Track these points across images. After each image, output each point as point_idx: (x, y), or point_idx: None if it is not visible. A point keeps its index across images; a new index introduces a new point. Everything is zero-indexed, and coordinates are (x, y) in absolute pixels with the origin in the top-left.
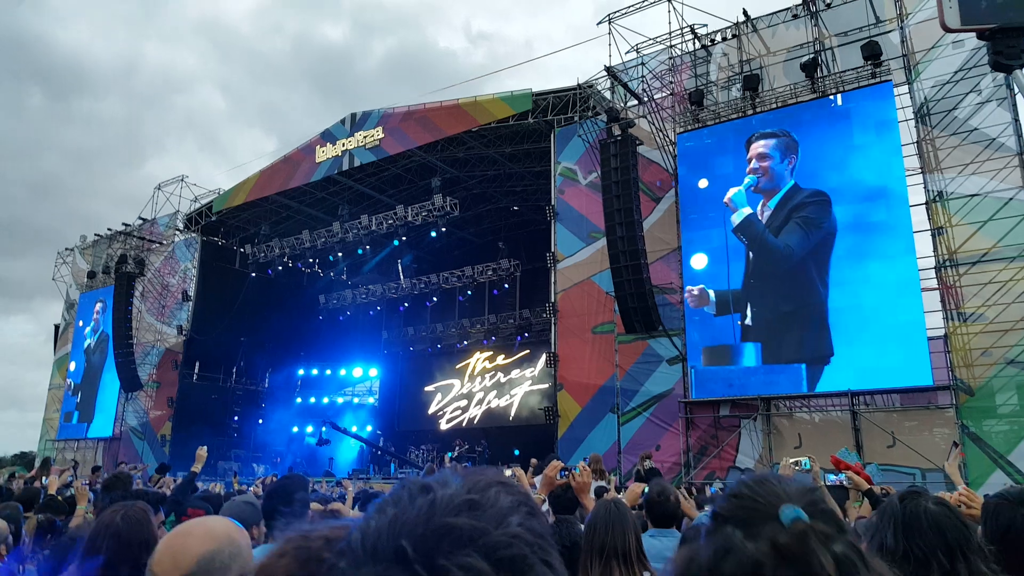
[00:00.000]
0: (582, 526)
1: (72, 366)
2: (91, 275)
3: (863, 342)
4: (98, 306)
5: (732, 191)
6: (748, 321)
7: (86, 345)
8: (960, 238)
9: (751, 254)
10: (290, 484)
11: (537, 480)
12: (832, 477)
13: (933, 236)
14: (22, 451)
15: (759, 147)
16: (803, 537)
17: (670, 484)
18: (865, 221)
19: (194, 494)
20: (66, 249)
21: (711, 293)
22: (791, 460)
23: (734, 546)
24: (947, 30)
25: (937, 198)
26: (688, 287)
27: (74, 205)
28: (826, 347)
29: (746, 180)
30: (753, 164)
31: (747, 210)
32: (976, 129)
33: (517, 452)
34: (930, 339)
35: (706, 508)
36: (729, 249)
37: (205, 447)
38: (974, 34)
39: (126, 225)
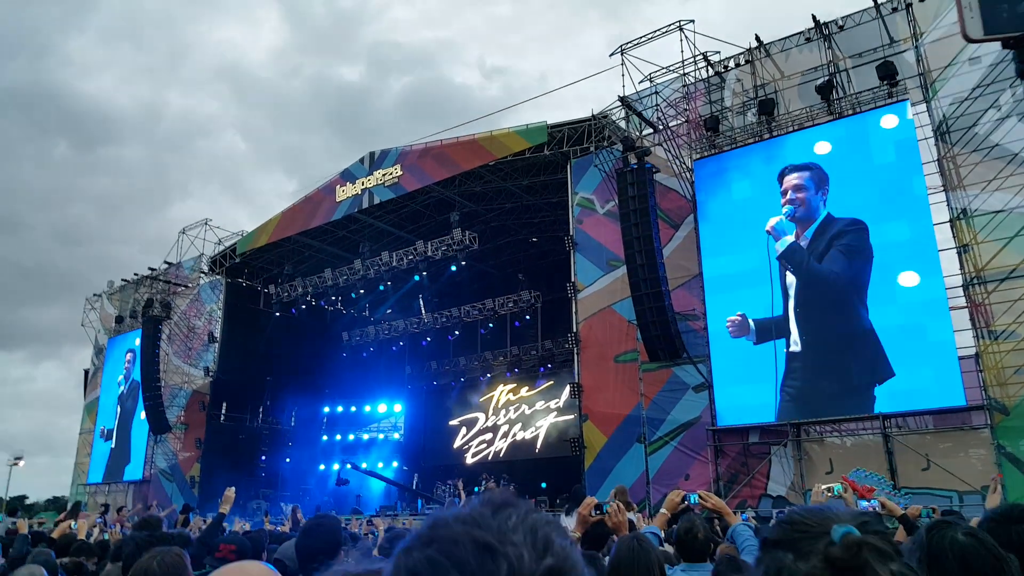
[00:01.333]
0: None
1: (101, 411)
2: (119, 320)
3: (893, 363)
4: (129, 356)
5: (774, 220)
6: (796, 348)
7: (120, 392)
8: (987, 255)
9: (797, 281)
10: (325, 524)
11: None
12: (864, 503)
13: (959, 254)
14: (54, 496)
15: (794, 179)
16: (856, 550)
17: (699, 518)
18: (890, 241)
19: (223, 535)
20: (94, 295)
21: (751, 322)
22: (823, 486)
23: (784, 567)
24: (969, 40)
25: (961, 215)
26: (729, 317)
27: (101, 251)
28: (883, 369)
29: (784, 209)
30: (790, 195)
31: (790, 238)
32: (997, 145)
33: (544, 485)
34: (961, 358)
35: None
36: (760, 274)
37: (233, 488)
38: (997, 44)
39: (152, 269)
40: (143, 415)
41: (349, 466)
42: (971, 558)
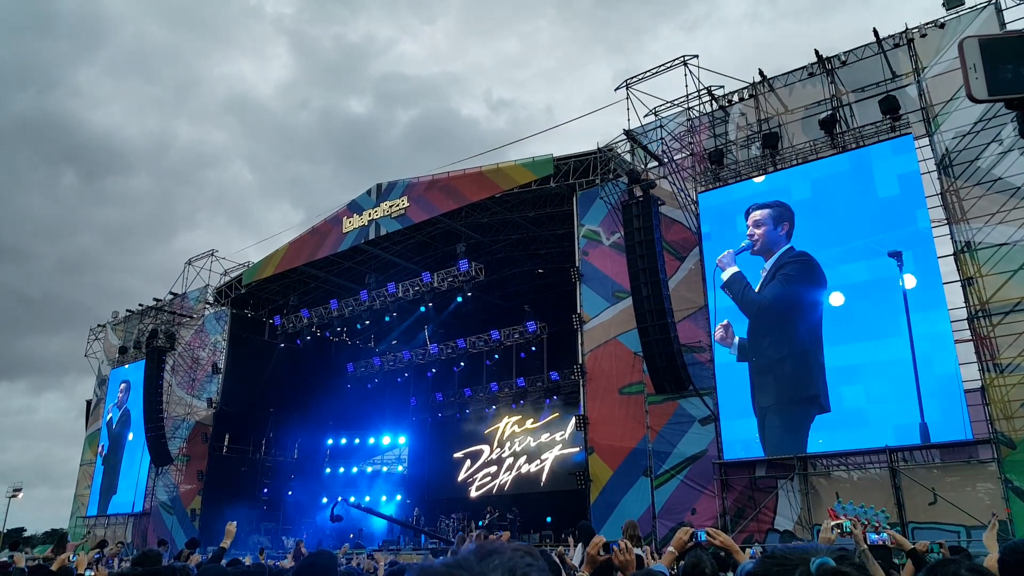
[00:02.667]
0: None
1: (100, 444)
2: (123, 350)
3: (898, 397)
4: (123, 386)
5: (725, 253)
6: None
7: (107, 419)
8: (991, 288)
9: (740, 308)
10: (320, 562)
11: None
12: (874, 537)
13: (963, 287)
14: (52, 528)
15: (755, 216)
16: None
17: (706, 553)
18: (893, 274)
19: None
20: (98, 325)
21: (737, 338)
22: (831, 523)
23: None
24: (975, 100)
25: (965, 248)
26: (718, 324)
27: (106, 281)
28: (819, 392)
29: (742, 244)
30: (750, 230)
31: (734, 268)
32: (1000, 178)
33: (549, 519)
34: (967, 392)
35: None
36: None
37: (234, 523)
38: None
39: (157, 300)
40: (139, 446)
41: (342, 503)
42: None
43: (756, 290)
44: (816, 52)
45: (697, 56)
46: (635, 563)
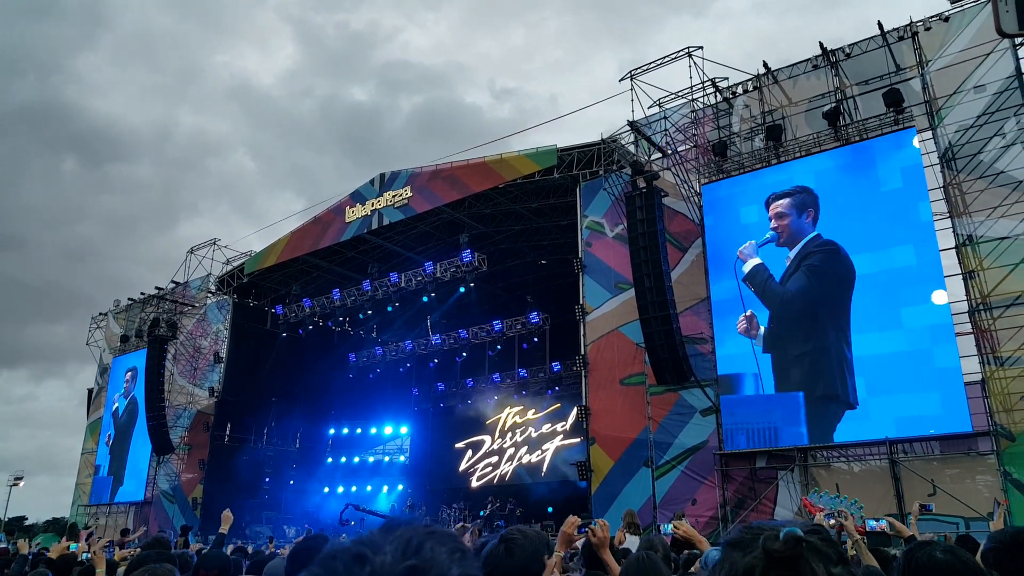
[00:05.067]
0: None
1: (105, 433)
2: (124, 339)
3: (899, 389)
4: (128, 374)
5: (747, 244)
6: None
7: (113, 409)
8: (992, 281)
9: (763, 301)
10: (315, 545)
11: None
12: (873, 523)
13: (965, 280)
14: (54, 517)
15: (777, 207)
16: (794, 544)
17: (660, 538)
18: (895, 267)
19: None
20: (100, 314)
21: (762, 329)
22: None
23: (732, 562)
24: (1003, 35)
25: (967, 242)
26: (742, 313)
27: (108, 270)
28: (841, 391)
29: (767, 235)
30: (773, 223)
31: (756, 260)
32: (1003, 172)
33: (551, 509)
34: (967, 384)
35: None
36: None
37: (228, 509)
38: (1003, 72)
39: (159, 289)
40: (143, 435)
41: (350, 508)
42: (948, 574)
43: (779, 281)
44: (820, 44)
45: (702, 48)
46: (608, 542)
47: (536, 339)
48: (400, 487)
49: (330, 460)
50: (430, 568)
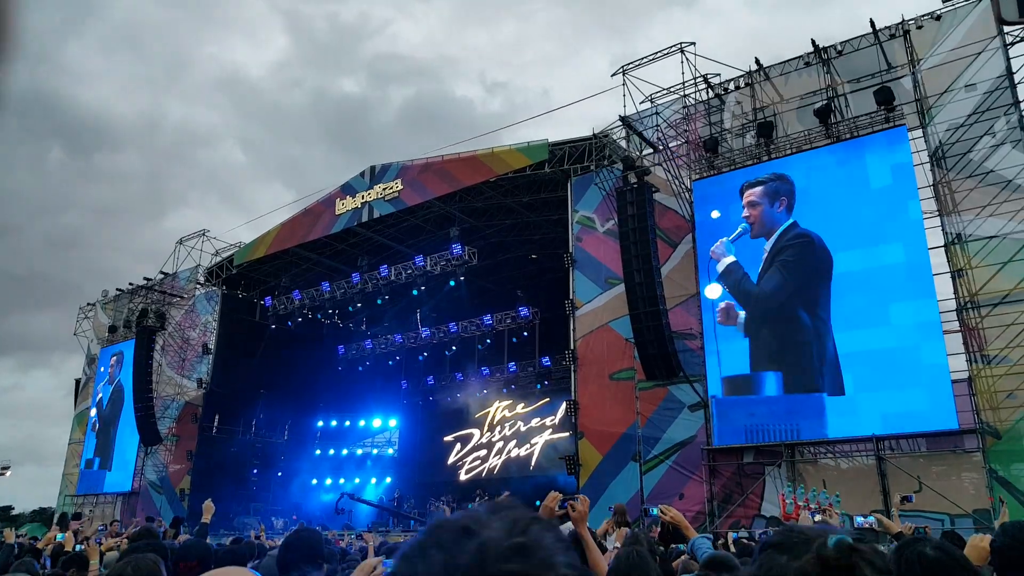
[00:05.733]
0: None
1: (91, 420)
2: (112, 329)
3: (886, 386)
4: (113, 359)
5: (719, 243)
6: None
7: (98, 399)
8: (980, 280)
9: (736, 300)
10: (305, 538)
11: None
12: (860, 519)
13: (953, 278)
14: (41, 507)
15: (749, 196)
16: (848, 553)
17: (643, 533)
18: (884, 264)
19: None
20: (88, 304)
21: (741, 313)
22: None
23: (776, 565)
24: (1004, 23)
25: (956, 240)
26: (718, 305)
27: (95, 260)
28: (820, 383)
29: (738, 229)
30: (745, 211)
31: (730, 258)
32: (992, 171)
33: (538, 503)
34: (954, 382)
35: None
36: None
37: (210, 499)
38: (993, 72)
39: (147, 280)
40: (130, 425)
41: (346, 497)
42: (939, 571)
43: (755, 280)
44: (812, 42)
45: (694, 43)
46: (586, 516)
47: (526, 333)
48: (388, 479)
49: (318, 452)
50: (537, 549)
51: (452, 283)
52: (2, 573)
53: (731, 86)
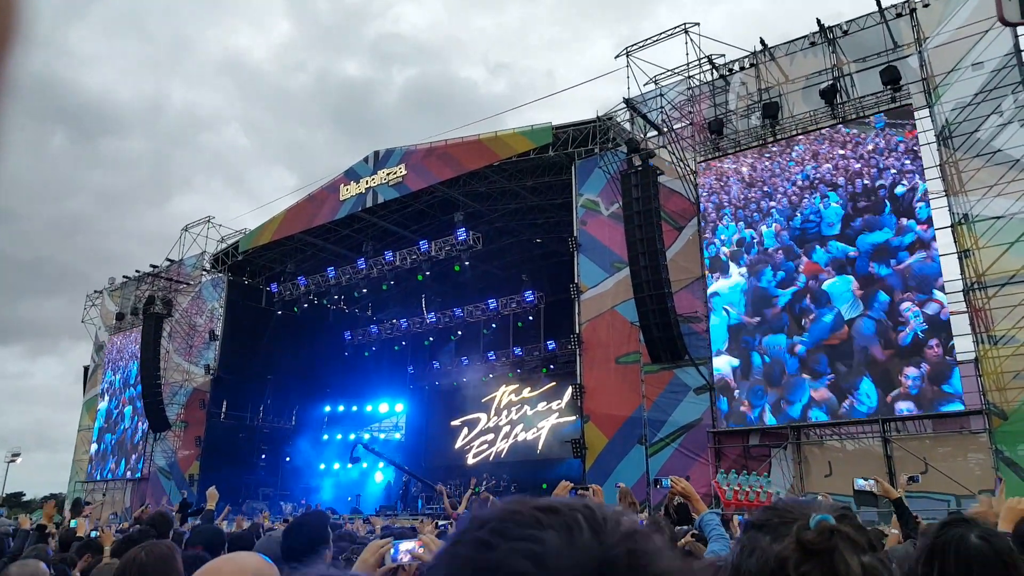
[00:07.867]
0: None
1: (100, 408)
2: (119, 317)
3: (893, 367)
4: (122, 351)
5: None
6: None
7: (105, 387)
8: (987, 260)
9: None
10: (311, 521)
11: None
12: (861, 482)
13: (960, 259)
14: (52, 493)
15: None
16: (828, 535)
17: (665, 521)
18: (890, 245)
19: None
20: (95, 292)
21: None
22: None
23: (759, 546)
24: (1006, 24)
25: (962, 220)
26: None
27: (101, 245)
28: (821, 367)
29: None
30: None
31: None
32: (999, 151)
33: (545, 486)
34: (961, 363)
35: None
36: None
37: (214, 486)
38: (1001, 49)
39: (154, 267)
40: (140, 412)
41: (361, 446)
42: (978, 563)
43: (754, 271)
44: (818, 21)
45: (698, 24)
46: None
47: (531, 318)
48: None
49: (326, 437)
50: (652, 557)
51: (457, 268)
52: (17, 558)
53: (736, 67)
